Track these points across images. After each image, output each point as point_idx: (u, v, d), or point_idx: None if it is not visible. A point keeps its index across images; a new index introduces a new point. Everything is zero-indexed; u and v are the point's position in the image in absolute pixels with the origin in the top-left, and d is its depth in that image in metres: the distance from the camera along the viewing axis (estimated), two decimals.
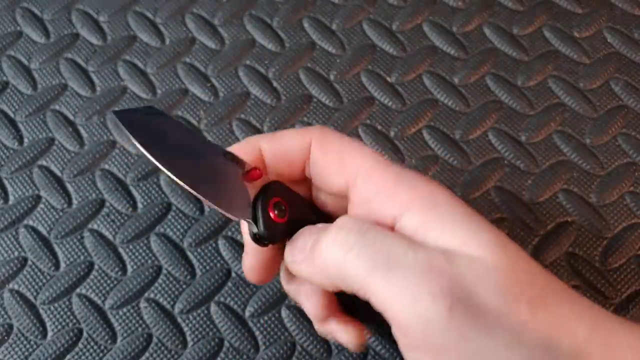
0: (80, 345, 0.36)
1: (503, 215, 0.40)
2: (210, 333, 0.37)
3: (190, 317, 0.37)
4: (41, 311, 0.37)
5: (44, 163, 0.41)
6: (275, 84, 0.44)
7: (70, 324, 0.37)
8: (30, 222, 0.39)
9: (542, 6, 0.46)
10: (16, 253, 0.39)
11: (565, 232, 0.39)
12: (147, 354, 0.36)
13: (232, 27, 0.46)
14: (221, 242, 0.39)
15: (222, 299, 0.37)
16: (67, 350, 0.36)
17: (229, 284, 0.38)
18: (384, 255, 0.24)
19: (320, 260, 0.26)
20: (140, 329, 0.37)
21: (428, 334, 0.23)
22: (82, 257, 0.38)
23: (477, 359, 0.23)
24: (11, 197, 0.40)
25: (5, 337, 0.37)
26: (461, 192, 0.40)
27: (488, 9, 0.46)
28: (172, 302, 0.37)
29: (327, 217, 0.30)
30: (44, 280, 0.38)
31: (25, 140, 0.42)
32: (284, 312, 0.37)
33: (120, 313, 0.37)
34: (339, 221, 0.26)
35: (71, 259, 0.38)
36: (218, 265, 0.38)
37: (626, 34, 0.45)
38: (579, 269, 0.38)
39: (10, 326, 0.37)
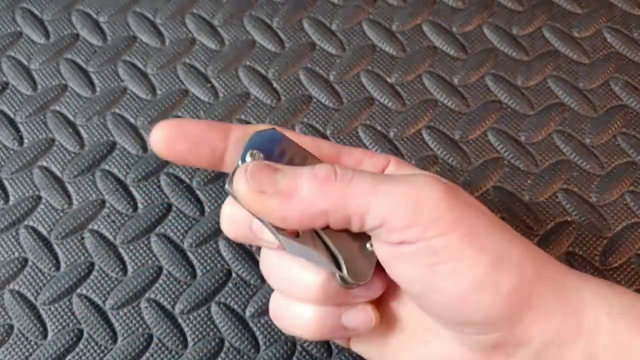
0: (80, 345, 0.36)
1: (503, 215, 0.40)
2: (211, 333, 0.37)
3: (191, 317, 0.37)
4: (42, 312, 0.37)
5: (44, 164, 0.41)
6: (275, 84, 0.44)
7: (71, 325, 0.37)
8: (31, 223, 0.39)
9: (541, 6, 0.46)
10: (16, 254, 0.39)
11: (565, 232, 0.39)
12: (147, 354, 0.36)
13: (232, 27, 0.46)
14: (221, 243, 0.39)
15: (222, 299, 0.37)
16: (67, 350, 0.36)
17: (230, 284, 0.38)
18: (382, 176, 0.27)
19: (307, 194, 0.27)
20: (140, 329, 0.37)
21: (425, 208, 0.26)
22: (82, 258, 0.38)
23: (466, 227, 0.26)
24: (11, 198, 0.40)
25: (6, 338, 0.37)
26: None
27: (488, 9, 0.46)
28: (172, 303, 0.37)
29: None
30: (45, 281, 0.38)
31: (26, 140, 0.42)
32: None
33: (121, 313, 0.37)
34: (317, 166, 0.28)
35: (72, 260, 0.38)
36: (218, 265, 0.38)
37: (626, 34, 0.45)
38: (579, 269, 0.38)
39: (11, 327, 0.37)
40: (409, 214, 0.26)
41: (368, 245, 0.29)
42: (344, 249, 0.28)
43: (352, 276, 0.28)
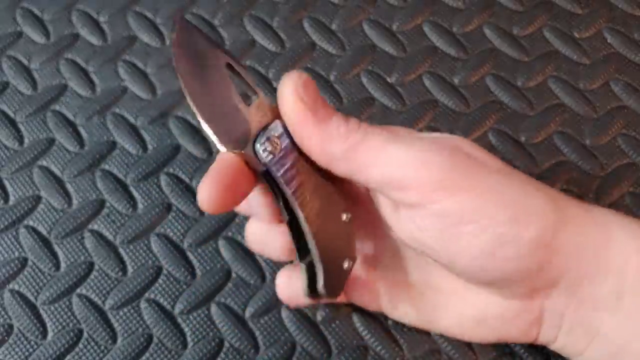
0: (80, 345, 0.36)
1: None
2: (211, 333, 0.37)
3: (191, 317, 0.37)
4: (41, 311, 0.37)
5: (44, 163, 0.41)
6: (275, 84, 0.44)
7: (71, 324, 0.37)
8: (31, 223, 0.39)
9: (542, 6, 0.46)
10: (16, 253, 0.39)
11: None
12: (147, 354, 0.36)
13: (232, 27, 0.46)
14: (221, 243, 0.39)
15: (222, 300, 0.37)
16: (67, 350, 0.36)
17: (229, 284, 0.38)
18: (395, 137, 0.28)
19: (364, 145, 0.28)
20: (140, 329, 0.37)
21: (430, 169, 0.27)
22: (82, 258, 0.39)
23: (477, 186, 0.27)
24: (11, 198, 0.40)
25: (6, 338, 0.37)
26: None
27: (488, 9, 0.46)
28: (172, 303, 0.37)
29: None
30: (45, 281, 0.38)
31: (26, 140, 0.42)
32: (284, 313, 0.37)
33: (121, 313, 0.37)
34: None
35: (71, 259, 0.38)
36: (218, 265, 0.38)
37: (626, 35, 0.45)
38: None
39: (11, 326, 0.37)
40: (414, 173, 0.27)
41: (345, 264, 0.30)
42: (327, 260, 0.29)
43: (327, 290, 0.29)
